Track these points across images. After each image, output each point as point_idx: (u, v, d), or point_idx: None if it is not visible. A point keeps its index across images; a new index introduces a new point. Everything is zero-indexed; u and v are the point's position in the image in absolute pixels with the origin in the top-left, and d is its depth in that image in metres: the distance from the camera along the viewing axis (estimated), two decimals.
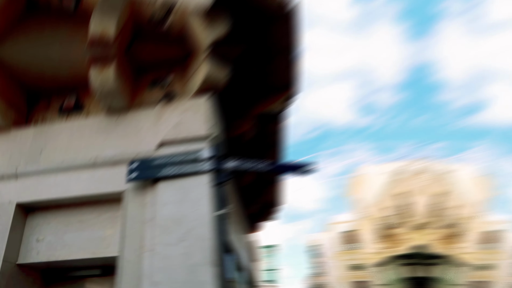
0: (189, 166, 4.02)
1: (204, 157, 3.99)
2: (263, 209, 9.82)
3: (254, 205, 8.80)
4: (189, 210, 3.80)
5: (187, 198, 3.87)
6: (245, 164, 4.19)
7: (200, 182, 3.88)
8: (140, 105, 4.70)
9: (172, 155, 4.13)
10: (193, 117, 4.34)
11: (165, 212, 3.85)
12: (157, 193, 3.98)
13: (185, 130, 4.29)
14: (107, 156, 4.39)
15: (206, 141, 4.18)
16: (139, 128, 4.49)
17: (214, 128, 4.36)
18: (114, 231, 4.16)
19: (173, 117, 4.41)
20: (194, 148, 4.15)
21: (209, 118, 4.31)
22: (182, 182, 3.93)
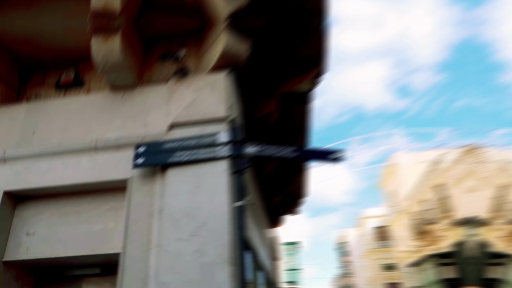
0: (204, 151, 4.02)
1: (221, 141, 4.06)
2: (286, 201, 10.08)
3: (276, 196, 8.97)
4: (204, 201, 3.78)
5: (201, 187, 3.85)
6: (267, 149, 4.17)
7: (216, 169, 3.93)
8: (149, 82, 4.69)
9: (185, 138, 4.12)
10: (209, 95, 4.32)
11: (175, 203, 3.82)
12: (167, 181, 3.97)
13: (200, 110, 4.27)
14: (110, 139, 4.36)
15: (224, 123, 4.17)
16: (147, 108, 4.48)
17: (233, 108, 4.33)
18: (116, 225, 4.14)
19: (186, 95, 4.39)
20: (210, 131, 4.15)
21: (228, 98, 4.30)
22: (195, 169, 3.97)
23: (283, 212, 10.79)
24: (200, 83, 4.41)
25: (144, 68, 4.77)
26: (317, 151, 4.40)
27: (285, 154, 4.18)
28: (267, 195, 8.66)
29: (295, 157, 4.23)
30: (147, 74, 4.75)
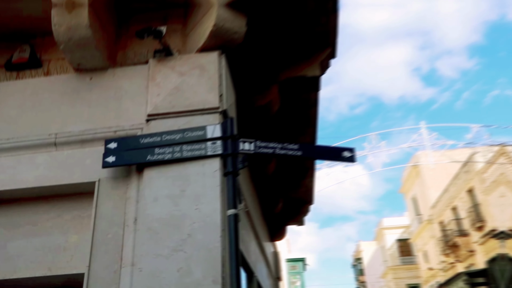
0: (191, 148, 4.02)
1: (211, 136, 4.07)
2: (290, 208, 10.19)
3: (278, 203, 9.01)
4: (189, 209, 3.76)
5: (186, 192, 3.84)
6: (267, 146, 4.16)
7: (205, 170, 3.94)
8: (123, 63, 4.68)
9: (167, 132, 4.11)
10: (197, 81, 4.32)
11: (154, 211, 3.80)
12: (144, 184, 3.95)
13: (186, 98, 4.26)
14: (74, 132, 4.34)
15: (215, 114, 4.17)
16: (121, 94, 4.47)
17: (226, 97, 4.31)
18: (80, 238, 4.11)
19: (169, 80, 4.38)
20: (197, 124, 4.14)
21: (220, 83, 4.30)
22: (180, 169, 3.97)
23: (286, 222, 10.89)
24: (186, 66, 4.41)
25: (117, 47, 4.75)
26: (327, 149, 4.40)
27: (288, 152, 4.17)
28: (267, 202, 8.69)
29: (301, 155, 4.23)
30: (121, 54, 4.72)
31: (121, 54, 4.73)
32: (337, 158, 4.40)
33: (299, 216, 10.64)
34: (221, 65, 4.40)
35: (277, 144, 4.20)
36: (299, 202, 9.89)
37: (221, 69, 4.39)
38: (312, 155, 4.47)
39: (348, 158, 4.37)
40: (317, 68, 5.51)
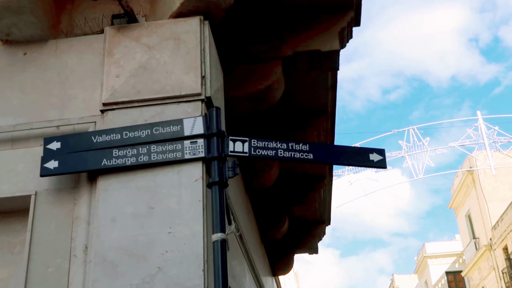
0: (162, 149, 4.04)
1: (190, 133, 4.09)
2: (298, 230, 10.24)
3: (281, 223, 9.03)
4: (160, 232, 3.77)
5: (156, 209, 3.85)
6: (267, 147, 4.18)
7: (182, 179, 3.96)
8: (69, 33, 4.69)
9: (130, 128, 4.13)
10: (171, 57, 4.35)
11: (112, 236, 3.80)
12: (99, 199, 3.96)
13: (155, 81, 4.29)
14: (1, 127, 4.35)
15: (196, 103, 4.20)
16: (66, 75, 4.49)
17: (211, 79, 4.33)
18: (10, 273, 4.09)
19: (133, 56, 4.41)
20: (172, 116, 4.17)
21: (203, 61, 4.32)
22: (147, 178, 4.00)
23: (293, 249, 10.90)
24: (156, 37, 4.43)
25: (61, 10, 4.75)
26: (349, 150, 4.43)
27: (296, 155, 4.19)
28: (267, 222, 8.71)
29: (313, 159, 4.25)
30: (66, 20, 4.72)
31: (66, 20, 4.73)
32: (363, 163, 4.43)
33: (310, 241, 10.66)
34: (203, 36, 4.40)
35: (280, 143, 4.21)
36: (311, 222, 9.89)
37: (204, 41, 4.39)
38: (328, 158, 4.47)
39: (376, 162, 4.36)
40: (335, 39, 5.52)
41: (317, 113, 6.76)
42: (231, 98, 5.37)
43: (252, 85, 5.55)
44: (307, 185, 8.44)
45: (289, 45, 5.55)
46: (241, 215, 6.39)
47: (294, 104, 6.46)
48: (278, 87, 5.72)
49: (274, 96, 5.74)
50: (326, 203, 9.32)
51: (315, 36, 5.54)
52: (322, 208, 9.32)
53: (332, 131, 7.16)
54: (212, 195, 3.90)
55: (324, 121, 6.92)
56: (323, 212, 9.53)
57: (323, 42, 5.53)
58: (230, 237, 3.92)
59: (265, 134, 5.35)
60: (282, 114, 6.44)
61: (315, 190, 8.64)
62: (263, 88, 5.58)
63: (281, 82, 5.73)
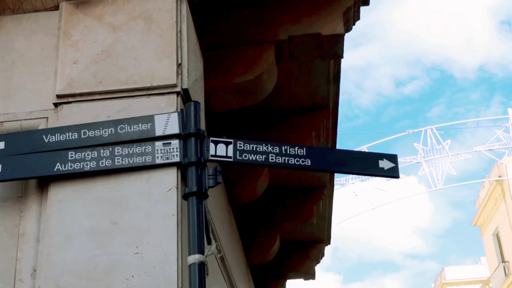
0: (129, 151, 4.05)
1: (163, 133, 4.11)
2: (291, 250, 10.21)
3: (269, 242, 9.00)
4: (125, 253, 3.78)
5: (120, 224, 3.87)
6: (257, 151, 4.19)
7: (152, 189, 3.98)
8: (16, 8, 4.67)
9: (89, 125, 4.13)
10: (140, 40, 4.37)
11: (67, 256, 3.80)
12: (51, 211, 3.96)
13: (121, 69, 4.30)
14: None
15: (170, 96, 4.22)
16: (12, 60, 4.49)
17: (189, 68, 4.34)
18: None
19: (94, 38, 4.42)
20: (140, 112, 4.18)
21: (179, 45, 4.33)
22: (110, 187, 4.01)
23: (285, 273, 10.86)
24: (122, 15, 4.43)
25: None
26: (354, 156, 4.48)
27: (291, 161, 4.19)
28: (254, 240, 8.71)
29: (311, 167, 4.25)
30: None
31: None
32: (370, 171, 4.46)
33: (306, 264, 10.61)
34: (180, 15, 4.42)
35: (271, 146, 4.21)
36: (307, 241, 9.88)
37: (181, 22, 4.40)
38: (328, 165, 4.47)
39: (387, 170, 4.36)
40: (339, 20, 5.56)
41: (316, 110, 6.79)
42: (213, 91, 5.39)
43: (238, 75, 5.56)
44: (303, 196, 8.43)
45: (283, 28, 5.57)
46: (223, 232, 6.40)
47: (288, 98, 6.49)
48: (270, 78, 5.74)
49: (264, 89, 5.76)
50: (326, 218, 9.30)
51: (315, 16, 5.56)
52: (320, 224, 9.29)
53: (334, 131, 7.16)
54: (188, 208, 3.88)
55: (324, 119, 6.93)
56: (322, 229, 9.50)
57: (324, 24, 5.55)
58: (210, 259, 3.91)
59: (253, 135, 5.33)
60: (273, 110, 6.44)
61: (313, 202, 8.65)
62: (251, 78, 5.58)
63: (273, 72, 5.74)
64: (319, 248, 10.37)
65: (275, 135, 6.40)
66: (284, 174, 7.70)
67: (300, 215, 8.77)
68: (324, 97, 6.65)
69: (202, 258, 3.73)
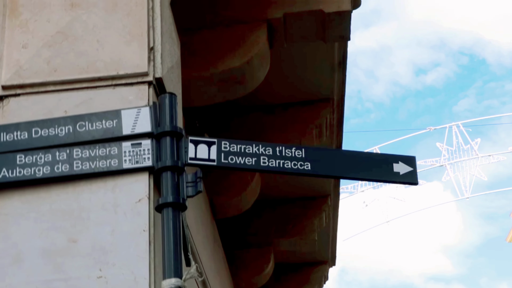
0: (90, 154, 4.05)
1: (132, 132, 4.12)
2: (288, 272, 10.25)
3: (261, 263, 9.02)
4: (86, 276, 3.78)
5: (80, 242, 3.87)
6: (245, 152, 4.21)
7: (118, 199, 3.99)
8: None
9: (42, 122, 4.13)
10: (104, 19, 4.38)
11: (15, 281, 3.80)
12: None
13: (80, 54, 4.31)
14: None
15: (141, 87, 4.23)
16: None
17: (163, 53, 4.36)
18: None
19: (47, 16, 4.42)
20: (104, 107, 4.19)
21: (151, 26, 4.36)
22: (67, 197, 4.01)
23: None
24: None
25: None
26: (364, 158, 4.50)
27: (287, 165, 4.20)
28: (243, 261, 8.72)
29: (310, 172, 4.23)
30: None
31: None
32: (383, 176, 4.48)
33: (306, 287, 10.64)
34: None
35: (263, 147, 4.23)
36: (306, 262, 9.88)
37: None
38: (332, 170, 4.44)
39: (404, 175, 4.37)
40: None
41: (317, 103, 6.81)
42: (192, 81, 5.40)
43: (222, 61, 5.57)
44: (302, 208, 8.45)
45: (278, 3, 5.59)
46: (205, 252, 6.41)
47: (283, 89, 6.48)
48: (261, 64, 5.77)
49: (254, 77, 5.77)
50: (330, 234, 9.32)
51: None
52: (323, 241, 9.31)
53: (339, 128, 7.18)
54: (163, 223, 3.88)
55: (327, 114, 6.96)
56: (325, 247, 9.52)
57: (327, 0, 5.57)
58: (189, 284, 3.91)
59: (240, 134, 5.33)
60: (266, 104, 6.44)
61: (314, 215, 8.67)
62: (238, 65, 5.60)
63: (265, 57, 5.77)
64: (322, 270, 10.39)
65: (268, 134, 6.39)
66: (279, 181, 7.71)
67: (299, 231, 8.78)
68: (327, 87, 6.67)
69: (179, 283, 3.73)
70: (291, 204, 8.38)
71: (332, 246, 9.81)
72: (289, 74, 6.44)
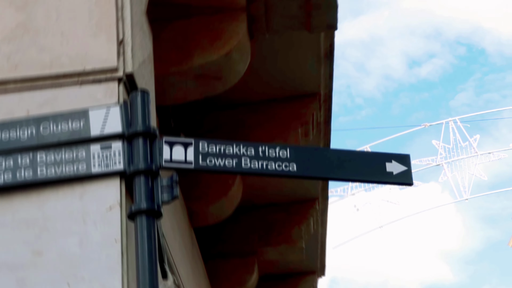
0: (55, 157, 4.04)
1: (101, 133, 4.12)
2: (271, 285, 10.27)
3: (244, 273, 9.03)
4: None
5: (46, 254, 3.87)
6: (225, 153, 4.21)
7: (87, 207, 3.99)
8: None
9: (2, 124, 4.14)
10: (68, 10, 4.38)
11: None
12: None
13: (42, 48, 4.31)
14: None
15: (110, 84, 4.22)
16: None
17: (133, 46, 4.36)
18: None
19: (2, 4, 4.44)
20: (70, 105, 4.18)
21: (119, 17, 4.35)
22: (31, 206, 4.01)
23: None
24: None
25: None
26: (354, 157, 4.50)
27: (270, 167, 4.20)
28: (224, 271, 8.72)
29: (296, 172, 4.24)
30: None
31: None
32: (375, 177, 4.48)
33: None
34: None
35: (244, 147, 4.23)
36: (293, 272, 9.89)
37: None
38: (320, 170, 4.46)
39: (397, 175, 4.39)
40: None
41: (303, 99, 6.80)
42: (166, 76, 5.41)
43: (199, 54, 5.57)
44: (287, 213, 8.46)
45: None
46: (183, 263, 6.39)
47: (266, 84, 6.49)
48: (241, 57, 5.77)
49: (234, 71, 5.77)
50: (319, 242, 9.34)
51: None
52: (311, 249, 9.31)
53: (327, 126, 7.19)
54: (136, 232, 3.87)
55: (314, 110, 6.95)
56: (313, 255, 9.54)
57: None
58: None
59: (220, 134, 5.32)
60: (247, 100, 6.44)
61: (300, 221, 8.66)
62: (216, 58, 5.60)
63: (245, 49, 5.77)
64: (310, 280, 10.42)
65: (250, 133, 6.40)
66: (262, 184, 7.71)
67: (284, 238, 8.79)
68: (313, 82, 6.67)
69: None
70: (276, 209, 8.38)
71: (321, 254, 9.82)
72: (272, 68, 6.45)
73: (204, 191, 6.96)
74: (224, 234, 8.02)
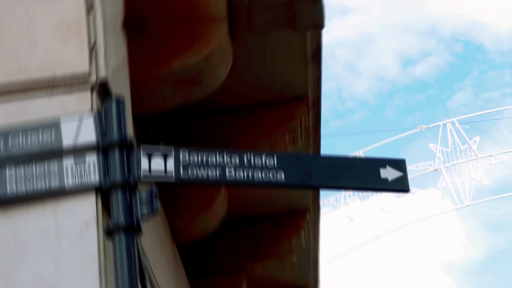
0: (25, 173, 4.03)
1: (74, 144, 4.10)
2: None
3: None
4: None
5: (18, 278, 3.85)
6: (208, 163, 4.21)
7: (61, 225, 3.98)
8: None
9: None
10: (35, 12, 4.37)
11: None
12: None
13: (7, 54, 4.32)
14: None
15: (82, 93, 4.21)
16: None
17: (106, 49, 4.35)
18: None
19: None
20: (40, 114, 4.16)
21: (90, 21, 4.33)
22: (0, 225, 4.01)
23: None
24: None
25: None
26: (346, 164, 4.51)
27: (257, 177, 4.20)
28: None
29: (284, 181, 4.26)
30: None
31: None
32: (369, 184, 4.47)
33: None
34: None
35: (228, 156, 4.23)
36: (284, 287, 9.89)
37: None
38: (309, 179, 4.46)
39: (392, 182, 4.40)
40: None
41: (289, 103, 6.79)
42: (142, 82, 5.40)
43: (176, 58, 5.57)
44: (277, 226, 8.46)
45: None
46: (166, 281, 6.35)
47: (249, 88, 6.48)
48: (222, 59, 5.77)
49: (215, 75, 5.77)
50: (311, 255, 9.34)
51: None
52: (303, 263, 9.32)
53: (316, 131, 7.19)
54: (115, 249, 3.86)
55: (302, 115, 6.94)
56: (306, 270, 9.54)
57: None
58: None
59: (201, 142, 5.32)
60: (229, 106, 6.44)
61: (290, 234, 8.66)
62: (196, 62, 5.60)
63: (226, 51, 5.77)
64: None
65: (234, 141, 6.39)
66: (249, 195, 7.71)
67: (274, 253, 8.79)
68: (300, 85, 6.68)
69: None
70: (264, 222, 8.38)
71: (314, 268, 9.82)
72: (256, 71, 6.45)
73: (187, 204, 6.96)
74: (210, 250, 7.99)
